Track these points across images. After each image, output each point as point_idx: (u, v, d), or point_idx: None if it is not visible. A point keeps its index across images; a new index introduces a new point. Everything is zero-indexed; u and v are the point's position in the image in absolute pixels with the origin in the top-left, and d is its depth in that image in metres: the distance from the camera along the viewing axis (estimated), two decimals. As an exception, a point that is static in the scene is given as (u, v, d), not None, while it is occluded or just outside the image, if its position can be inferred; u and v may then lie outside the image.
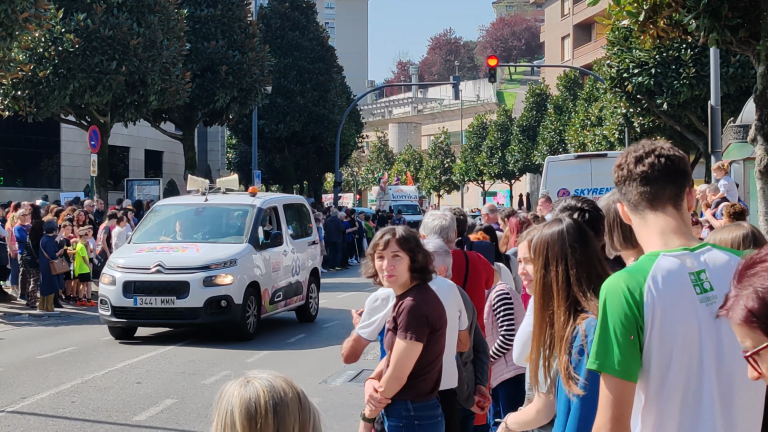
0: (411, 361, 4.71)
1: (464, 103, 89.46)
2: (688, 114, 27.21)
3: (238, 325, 14.48)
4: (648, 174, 2.85)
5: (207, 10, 33.35)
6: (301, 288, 16.71)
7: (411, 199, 57.08)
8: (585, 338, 3.31)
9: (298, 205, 18.61)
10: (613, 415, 2.72)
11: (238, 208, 16.15)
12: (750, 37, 11.20)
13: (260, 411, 2.11)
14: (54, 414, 9.67)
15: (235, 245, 15.01)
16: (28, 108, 25.36)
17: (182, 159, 35.61)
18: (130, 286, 14.34)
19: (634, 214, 2.90)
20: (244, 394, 2.15)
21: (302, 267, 16.82)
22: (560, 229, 3.50)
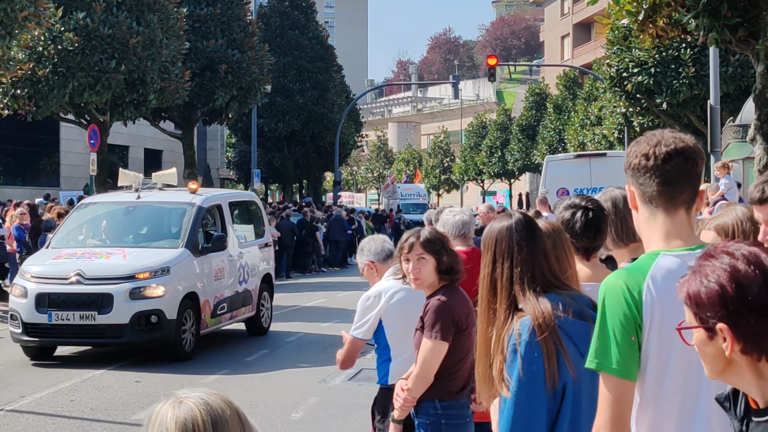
0: (437, 360, 4.70)
1: (464, 102, 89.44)
2: (687, 113, 27.22)
3: (171, 344, 12.62)
4: (672, 175, 2.80)
5: (206, 8, 33.34)
6: (250, 297, 14.77)
7: (420, 197, 55.41)
8: (519, 337, 3.29)
9: (247, 202, 16.74)
10: (613, 415, 2.71)
11: (174, 206, 14.15)
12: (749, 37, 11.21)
13: (198, 430, 1.98)
14: (53, 413, 9.67)
15: (169, 250, 13.15)
16: (27, 107, 25.34)
17: (182, 158, 35.59)
18: (44, 299, 12.37)
19: (645, 207, 2.86)
20: (180, 414, 2.00)
21: (252, 273, 14.92)
22: (509, 225, 3.47)
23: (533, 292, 3.36)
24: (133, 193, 14.19)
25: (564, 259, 3.59)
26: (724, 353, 2.00)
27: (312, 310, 18.99)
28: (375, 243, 5.70)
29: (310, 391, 10.66)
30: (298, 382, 11.23)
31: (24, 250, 18.88)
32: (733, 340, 1.98)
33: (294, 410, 9.75)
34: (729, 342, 1.98)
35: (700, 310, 2.02)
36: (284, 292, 23.10)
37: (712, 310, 1.99)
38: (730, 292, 1.97)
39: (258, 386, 10.94)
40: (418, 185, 61.64)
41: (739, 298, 1.97)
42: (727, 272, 1.99)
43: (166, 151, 44.83)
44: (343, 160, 57.58)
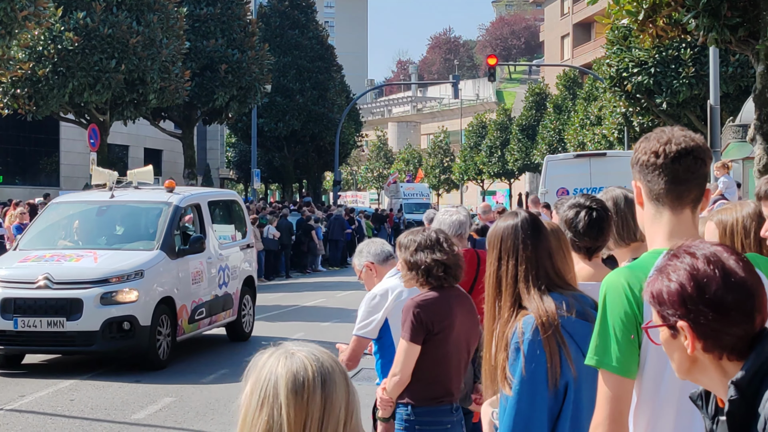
0: (409, 361, 4.67)
1: (464, 102, 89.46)
2: (687, 113, 27.22)
3: (145, 352, 11.88)
4: (681, 174, 2.78)
5: (206, 8, 33.35)
6: (231, 301, 14.06)
7: (423, 197, 54.33)
8: (522, 336, 3.30)
9: (228, 201, 15.94)
10: (611, 412, 2.71)
11: (150, 206, 13.42)
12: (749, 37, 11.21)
13: (308, 385, 1.98)
14: (53, 412, 9.67)
15: (143, 252, 12.41)
16: (27, 106, 25.35)
17: (181, 158, 35.60)
18: (9, 304, 11.62)
19: (651, 204, 2.85)
20: (291, 366, 2.02)
21: (232, 276, 14.19)
22: (514, 223, 3.49)
23: (537, 290, 3.38)
24: (107, 192, 13.49)
25: (565, 259, 3.61)
26: (687, 351, 2.06)
27: (312, 310, 18.99)
28: (374, 245, 5.69)
29: (310, 391, 10.65)
30: (298, 381, 11.22)
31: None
32: (693, 337, 2.03)
33: (294, 410, 9.74)
34: (690, 340, 2.03)
35: (662, 308, 2.08)
36: (284, 292, 23.11)
37: (672, 309, 2.05)
38: (689, 290, 2.03)
39: (258, 386, 10.93)
40: (421, 184, 60.61)
41: (697, 296, 2.02)
42: (687, 271, 2.05)
43: (166, 151, 44.84)
44: (343, 160, 57.59)
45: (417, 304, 4.67)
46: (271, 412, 2.00)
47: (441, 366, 4.72)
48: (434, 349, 4.68)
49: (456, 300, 4.78)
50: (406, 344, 4.67)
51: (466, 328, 4.75)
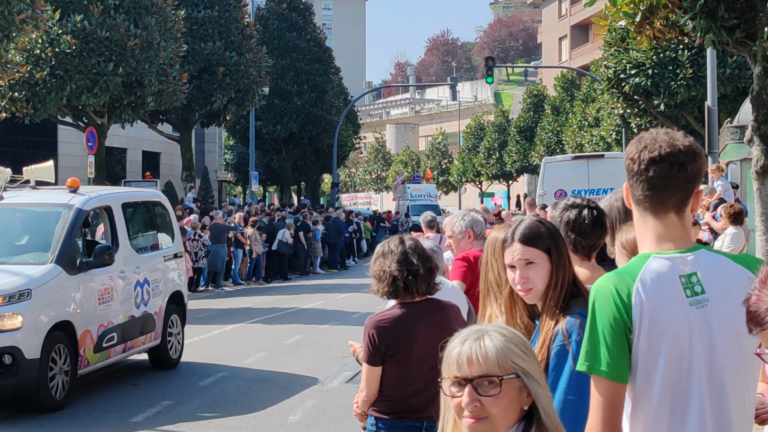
0: (370, 381, 4.67)
1: (462, 104, 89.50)
2: (685, 115, 27.24)
3: (33, 391, 9.56)
4: (657, 181, 2.75)
5: (204, 11, 33.35)
6: (151, 323, 11.81)
7: (431, 198, 53.02)
8: (568, 337, 3.30)
9: (150, 203, 13.15)
10: (604, 417, 2.70)
11: (46, 209, 11.16)
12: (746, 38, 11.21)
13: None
14: (50, 416, 9.65)
15: (33, 267, 10.13)
16: (25, 109, 25.34)
17: (180, 160, 35.59)
18: None
19: (636, 208, 2.86)
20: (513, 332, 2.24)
21: (154, 292, 11.95)
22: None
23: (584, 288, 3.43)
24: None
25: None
26: None
27: (310, 312, 19.00)
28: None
29: (308, 394, 10.66)
30: (296, 384, 11.23)
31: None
32: None
33: (292, 413, 9.75)
34: None
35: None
36: (282, 294, 23.12)
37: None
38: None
39: (256, 389, 10.94)
40: (428, 185, 58.83)
41: None
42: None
43: (164, 154, 44.82)
44: (341, 162, 57.56)
45: (373, 324, 4.62)
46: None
47: (402, 384, 4.66)
48: (394, 369, 4.63)
49: (421, 315, 4.63)
50: (366, 366, 4.68)
51: (433, 343, 4.57)
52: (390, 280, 4.56)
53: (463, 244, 6.60)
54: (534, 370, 2.20)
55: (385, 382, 4.67)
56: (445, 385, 2.22)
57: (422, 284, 4.61)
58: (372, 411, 4.73)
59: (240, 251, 26.31)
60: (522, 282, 3.40)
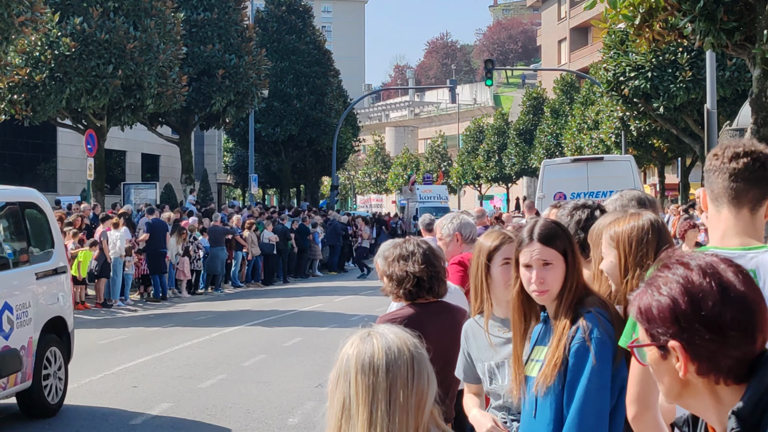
0: None
1: (461, 106, 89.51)
2: (684, 117, 27.25)
3: None
4: (738, 172, 2.88)
5: (203, 13, 33.37)
6: (16, 360, 9.08)
7: (441, 200, 51.25)
8: (589, 333, 3.30)
9: (21, 205, 10.08)
10: (639, 393, 2.95)
11: None
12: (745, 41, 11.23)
13: (373, 367, 2.15)
14: (50, 418, 9.64)
15: None
16: (24, 112, 25.34)
17: (179, 163, 35.59)
18: None
19: (713, 205, 2.96)
20: (361, 349, 2.18)
21: (20, 321, 9.19)
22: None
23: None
24: None
25: None
26: (678, 374, 1.84)
27: (309, 315, 18.98)
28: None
29: (308, 396, 10.65)
30: (296, 386, 11.22)
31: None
32: (686, 359, 1.81)
33: (291, 415, 9.74)
34: (682, 361, 1.82)
35: (651, 325, 1.85)
36: (281, 297, 23.11)
37: (663, 326, 1.82)
38: (682, 306, 1.80)
39: (255, 391, 10.93)
40: (439, 187, 57.14)
41: (692, 313, 1.79)
42: (680, 284, 1.82)
43: (163, 156, 44.82)
44: (341, 165, 57.51)
45: (385, 322, 4.61)
46: (344, 388, 2.19)
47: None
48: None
49: (432, 316, 4.61)
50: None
51: (443, 344, 4.45)
52: (414, 281, 4.55)
53: (451, 247, 6.55)
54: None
55: None
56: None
57: (442, 285, 4.65)
58: None
59: (240, 254, 26.31)
60: (538, 283, 3.41)
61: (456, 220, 6.65)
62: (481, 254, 3.97)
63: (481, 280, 3.82)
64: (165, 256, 22.39)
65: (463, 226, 6.59)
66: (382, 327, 2.23)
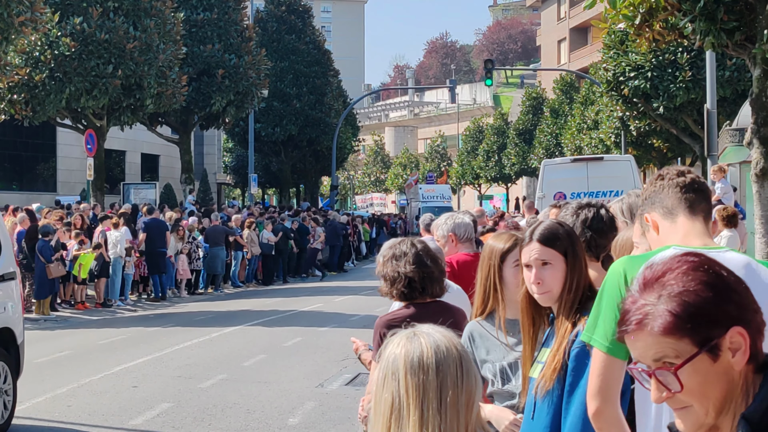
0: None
1: (461, 106, 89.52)
2: (684, 117, 27.23)
3: None
4: (688, 185, 3.03)
5: (203, 13, 33.36)
6: None
7: (444, 199, 50.18)
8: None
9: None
10: (600, 387, 2.89)
11: None
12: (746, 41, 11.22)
13: (423, 366, 2.11)
14: (50, 418, 9.64)
15: None
16: (24, 112, 25.33)
17: (179, 163, 35.58)
18: None
19: (666, 219, 3.01)
20: (409, 348, 2.14)
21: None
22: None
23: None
24: None
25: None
26: (730, 374, 1.66)
27: (309, 315, 18.99)
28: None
29: (308, 396, 10.64)
30: (296, 386, 11.21)
31: (20, 255, 18.88)
32: (747, 345, 1.64)
33: (291, 415, 9.73)
34: (744, 348, 1.65)
35: (698, 325, 1.64)
36: (281, 297, 23.11)
37: (712, 320, 1.64)
38: (713, 293, 1.66)
39: (255, 391, 10.92)
40: (442, 186, 56.36)
41: (730, 296, 1.66)
42: (691, 279, 1.67)
43: (163, 156, 44.82)
44: (340, 165, 57.52)
45: (385, 324, 4.60)
46: (393, 387, 2.13)
47: None
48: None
49: (431, 317, 4.58)
50: (375, 364, 4.68)
51: None
52: (406, 281, 4.55)
53: (447, 248, 6.55)
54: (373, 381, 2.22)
55: None
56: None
57: (436, 286, 4.62)
58: None
59: (240, 254, 26.30)
60: (536, 283, 3.41)
61: (450, 220, 6.64)
62: (493, 256, 3.94)
63: (492, 282, 3.80)
64: (165, 255, 22.38)
65: (457, 226, 6.57)
66: (426, 327, 2.21)
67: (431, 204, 46.76)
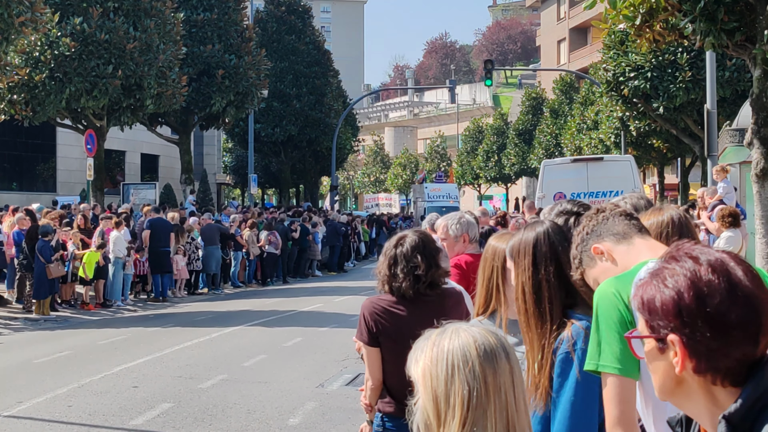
0: (371, 364, 4.70)
1: (460, 106, 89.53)
2: (684, 117, 27.24)
3: None
4: (627, 213, 3.09)
5: (203, 13, 33.37)
6: None
7: (450, 199, 48.66)
8: (573, 345, 3.24)
9: None
10: (620, 413, 2.77)
11: None
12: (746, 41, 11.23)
13: (495, 353, 2.08)
14: (50, 418, 9.64)
15: None
16: (24, 112, 25.34)
17: (178, 163, 35.59)
18: None
19: (621, 244, 3.01)
20: (476, 337, 2.09)
21: None
22: (545, 229, 3.48)
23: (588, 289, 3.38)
24: None
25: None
26: (674, 370, 1.79)
27: (309, 315, 18.98)
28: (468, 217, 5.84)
29: (308, 396, 10.64)
30: (296, 387, 11.21)
31: (21, 255, 18.89)
32: (684, 355, 1.75)
33: (292, 415, 9.73)
34: (680, 357, 1.76)
35: (653, 317, 1.80)
36: (281, 297, 23.10)
37: (665, 319, 1.78)
38: (687, 300, 1.75)
39: (256, 391, 10.92)
40: (449, 185, 55.22)
41: (696, 309, 1.74)
42: (687, 278, 1.77)
43: (162, 156, 44.83)
44: (340, 165, 57.52)
45: (367, 307, 4.69)
46: (465, 378, 2.05)
47: (400, 377, 4.66)
48: (394, 357, 4.63)
49: (416, 309, 4.65)
50: (364, 347, 4.73)
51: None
52: (382, 279, 4.62)
53: (457, 247, 6.56)
54: (419, 379, 2.11)
55: (386, 373, 4.70)
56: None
57: (407, 291, 4.61)
58: (378, 407, 4.76)
59: (240, 254, 26.29)
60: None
61: (463, 220, 6.68)
62: (497, 258, 3.92)
63: (495, 283, 3.79)
64: (168, 255, 22.40)
65: (470, 226, 6.63)
66: (457, 323, 2.18)
67: (437, 203, 45.74)
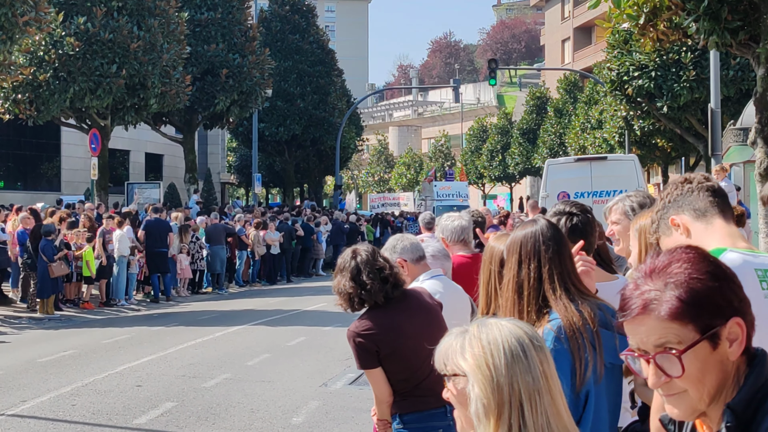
0: (378, 385, 4.72)
1: (464, 106, 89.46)
2: (688, 117, 27.21)
3: None
4: (717, 190, 3.07)
5: (207, 13, 33.38)
6: None
7: (459, 197, 47.33)
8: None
9: None
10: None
11: None
12: (750, 40, 11.21)
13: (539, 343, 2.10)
14: (54, 417, 9.65)
15: None
16: (28, 111, 25.37)
17: (182, 162, 35.61)
18: None
19: (699, 221, 3.01)
20: (512, 330, 2.09)
21: None
22: (534, 229, 3.50)
23: (564, 290, 3.36)
24: None
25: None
26: (725, 363, 1.73)
27: (313, 314, 18.99)
28: (407, 241, 5.47)
29: (312, 395, 10.65)
30: (300, 386, 11.22)
31: (25, 255, 18.92)
32: (744, 335, 1.73)
33: (295, 414, 9.74)
34: (742, 337, 1.73)
35: (703, 313, 1.71)
36: (285, 296, 23.12)
37: (714, 310, 1.72)
38: (717, 284, 1.73)
39: (259, 390, 10.93)
40: (458, 183, 53.89)
41: (730, 289, 1.74)
42: (699, 270, 1.75)
43: (166, 156, 44.87)
44: (344, 164, 57.47)
45: (356, 334, 4.69)
46: (525, 368, 2.05)
47: (409, 378, 4.71)
48: (396, 365, 4.68)
49: (395, 310, 4.72)
50: (366, 371, 4.77)
51: (418, 329, 4.66)
52: (346, 296, 4.69)
53: (455, 248, 6.61)
54: (473, 371, 2.10)
55: (394, 380, 4.72)
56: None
57: (378, 296, 4.67)
58: (394, 411, 4.77)
59: (244, 253, 26.31)
60: None
61: (458, 221, 6.70)
62: (493, 261, 3.92)
63: (493, 287, 3.79)
64: (165, 256, 22.36)
65: (463, 230, 6.66)
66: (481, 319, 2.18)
67: (446, 202, 44.89)
